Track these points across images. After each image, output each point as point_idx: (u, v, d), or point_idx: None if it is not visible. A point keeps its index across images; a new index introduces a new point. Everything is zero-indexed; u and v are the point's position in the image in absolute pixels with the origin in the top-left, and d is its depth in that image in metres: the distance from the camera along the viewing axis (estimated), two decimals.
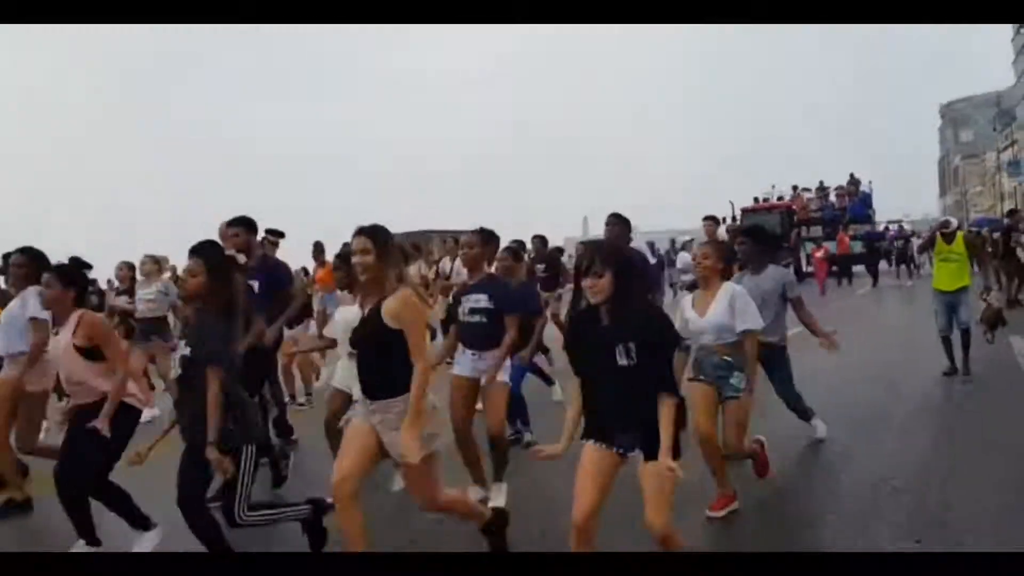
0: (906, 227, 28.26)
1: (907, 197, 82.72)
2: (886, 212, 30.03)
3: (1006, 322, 7.97)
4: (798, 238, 24.54)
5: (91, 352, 3.71)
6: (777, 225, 24.40)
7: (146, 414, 5.59)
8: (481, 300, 4.26)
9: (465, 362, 4.40)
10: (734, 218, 25.20)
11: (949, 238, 7.37)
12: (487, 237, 4.61)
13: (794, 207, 26.29)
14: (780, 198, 27.13)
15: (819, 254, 20.57)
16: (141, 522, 3.91)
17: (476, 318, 4.28)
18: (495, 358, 4.24)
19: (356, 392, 3.78)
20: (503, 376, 4.31)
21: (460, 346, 4.45)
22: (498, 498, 4.23)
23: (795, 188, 27.77)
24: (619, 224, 5.43)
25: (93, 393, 3.69)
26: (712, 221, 8.56)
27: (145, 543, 3.89)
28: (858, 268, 23.30)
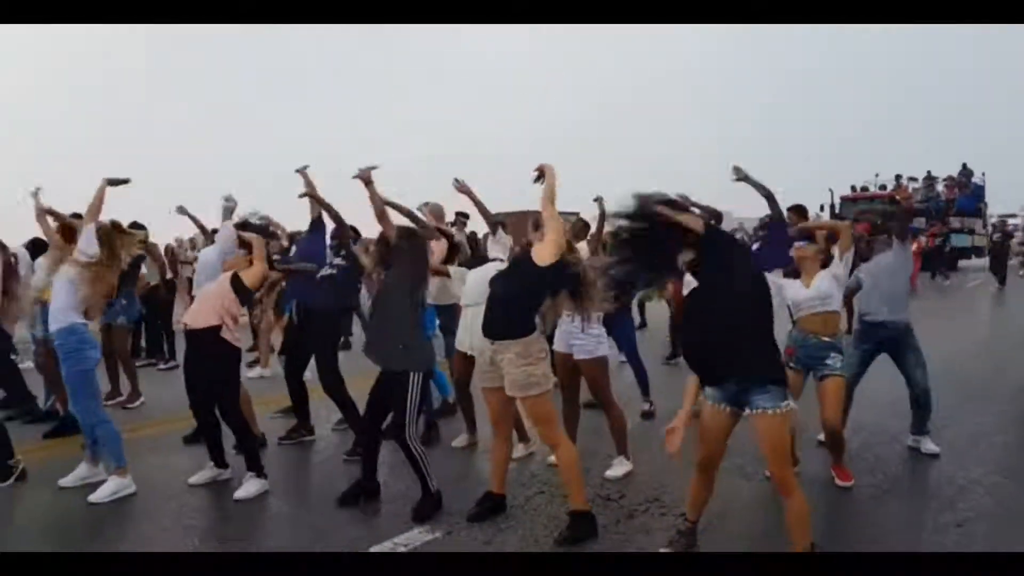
0: (1015, 221, 27.56)
1: None
2: (1003, 205, 28.98)
3: None
4: None
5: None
6: (879, 215, 24.39)
7: None
8: None
9: (561, 334, 4.69)
10: (832, 205, 25.26)
11: None
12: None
13: (897, 197, 25.95)
14: (883, 187, 26.88)
15: (912, 247, 20.10)
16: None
17: None
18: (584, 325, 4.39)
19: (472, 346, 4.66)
20: (600, 350, 4.57)
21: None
22: (617, 469, 4.62)
23: (898, 177, 27.38)
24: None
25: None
26: (795, 212, 7.77)
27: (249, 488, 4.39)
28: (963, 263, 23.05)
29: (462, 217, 7.72)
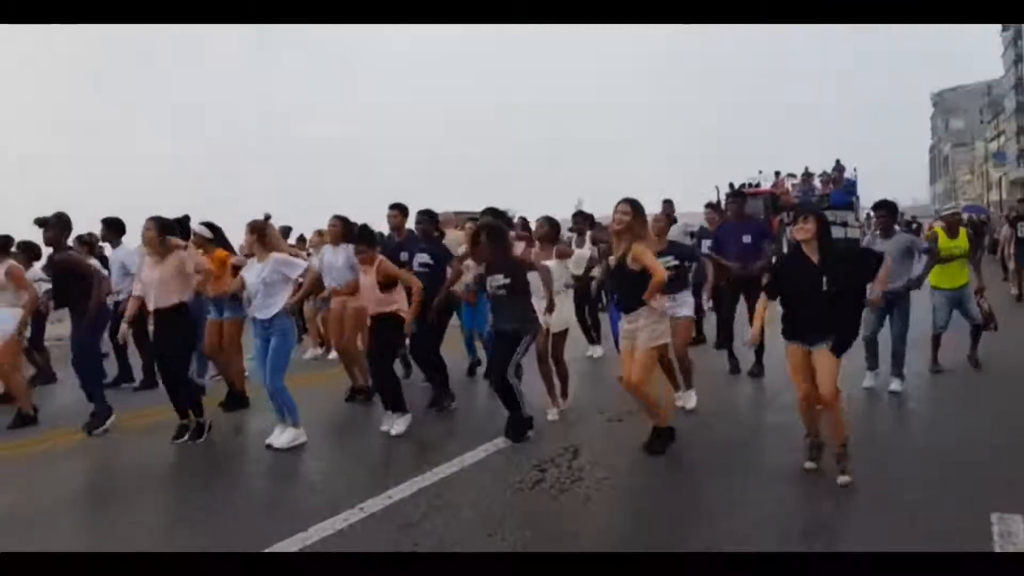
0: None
1: (897, 184, 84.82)
2: (875, 199, 31.01)
3: (997, 326, 7.54)
4: (780, 224, 25.78)
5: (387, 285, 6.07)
6: (760, 211, 25.76)
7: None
8: (669, 259, 6.03)
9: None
10: (718, 202, 26.40)
11: (954, 231, 7.17)
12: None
13: (777, 193, 27.56)
14: (757, 184, 28.37)
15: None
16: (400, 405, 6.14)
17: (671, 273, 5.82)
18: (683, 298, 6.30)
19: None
20: (687, 311, 6.40)
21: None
22: (688, 401, 6.39)
23: (777, 174, 29.09)
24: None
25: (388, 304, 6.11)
26: (713, 209, 9.90)
27: (400, 425, 6.08)
28: None
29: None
